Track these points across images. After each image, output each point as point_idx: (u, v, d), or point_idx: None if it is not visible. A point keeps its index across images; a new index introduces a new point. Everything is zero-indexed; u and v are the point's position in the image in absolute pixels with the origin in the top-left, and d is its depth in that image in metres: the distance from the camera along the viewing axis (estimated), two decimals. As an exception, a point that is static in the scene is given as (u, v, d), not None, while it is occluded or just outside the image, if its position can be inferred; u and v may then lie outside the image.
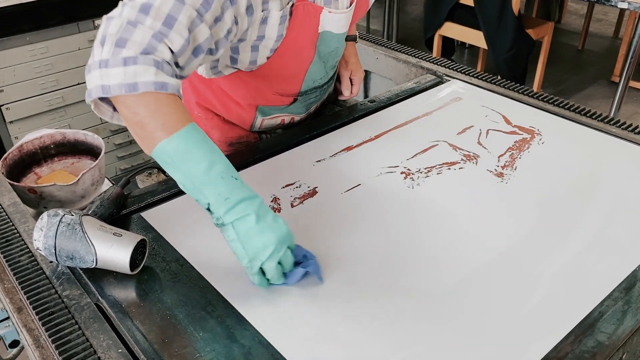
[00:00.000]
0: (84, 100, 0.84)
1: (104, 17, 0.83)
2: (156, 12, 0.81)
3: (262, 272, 0.83)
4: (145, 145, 0.82)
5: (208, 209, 0.81)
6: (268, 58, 1.08)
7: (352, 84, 1.38)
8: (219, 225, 0.81)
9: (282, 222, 0.83)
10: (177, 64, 0.84)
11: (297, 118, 1.33)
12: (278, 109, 1.27)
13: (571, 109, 1.35)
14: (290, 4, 1.00)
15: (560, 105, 1.37)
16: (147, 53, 0.79)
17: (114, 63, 0.78)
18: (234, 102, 1.25)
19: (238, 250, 0.81)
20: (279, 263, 0.82)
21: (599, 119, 1.31)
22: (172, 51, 0.82)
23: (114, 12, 0.82)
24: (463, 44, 4.41)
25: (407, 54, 1.67)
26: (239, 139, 1.33)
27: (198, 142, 0.81)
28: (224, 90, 1.24)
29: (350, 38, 1.37)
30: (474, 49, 4.31)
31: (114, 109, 0.87)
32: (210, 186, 0.79)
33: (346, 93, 1.38)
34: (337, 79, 1.38)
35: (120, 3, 0.84)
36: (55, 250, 0.84)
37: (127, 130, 0.85)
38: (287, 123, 1.33)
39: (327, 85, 1.31)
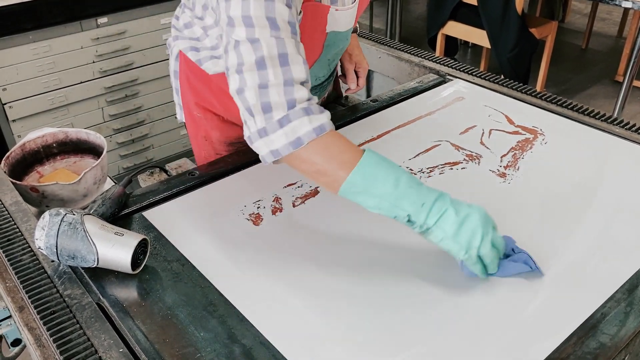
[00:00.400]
0: (86, 99, 0.86)
1: (233, 92, 0.88)
2: (271, 61, 0.84)
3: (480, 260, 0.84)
4: (332, 187, 0.86)
5: (409, 221, 0.83)
6: None
7: (357, 77, 1.37)
8: (424, 231, 0.84)
9: (476, 206, 0.84)
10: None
11: None
12: None
13: (574, 109, 1.35)
14: (301, 3, 1.00)
15: (564, 105, 1.36)
16: (292, 106, 0.84)
17: (272, 129, 0.84)
18: (233, 102, 1.25)
19: (452, 247, 0.83)
20: (493, 246, 0.83)
21: (603, 119, 1.30)
22: (303, 82, 0.86)
23: (237, 84, 0.86)
24: (466, 43, 4.40)
25: (410, 53, 1.67)
26: (239, 138, 1.32)
27: (377, 164, 0.85)
28: (222, 89, 1.23)
29: (353, 30, 1.37)
30: (476, 48, 4.30)
31: None
32: (405, 199, 0.82)
33: (352, 86, 1.36)
34: (342, 73, 1.38)
35: (232, 71, 0.87)
36: (56, 249, 0.84)
37: (129, 129, 0.86)
38: None
39: (327, 83, 1.31)
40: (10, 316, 1.05)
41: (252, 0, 0.84)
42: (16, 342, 1.09)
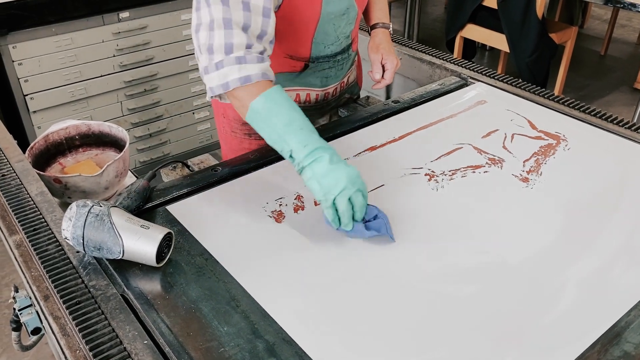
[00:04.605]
0: (106, 92, 0.89)
1: (192, 30, 1.02)
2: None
3: (336, 211, 0.92)
4: (241, 112, 1.00)
5: (290, 156, 0.95)
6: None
7: (384, 70, 1.32)
8: (300, 170, 0.94)
9: (353, 168, 0.93)
10: (259, 38, 1.00)
11: (313, 95, 1.32)
12: (290, 78, 1.28)
13: (597, 115, 1.34)
14: None
15: (586, 111, 1.35)
16: (230, 52, 0.96)
17: (211, 69, 0.98)
18: None
19: (314, 187, 0.92)
20: (350, 202, 0.91)
21: (626, 126, 1.29)
22: (244, 30, 0.97)
23: (194, 23, 1.00)
24: (483, 46, 4.37)
25: (431, 54, 1.66)
26: None
27: (281, 101, 0.96)
28: None
29: (383, 25, 1.35)
30: (494, 51, 4.28)
31: None
32: (292, 135, 0.94)
33: (376, 77, 1.30)
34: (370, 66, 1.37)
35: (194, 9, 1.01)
36: (83, 240, 0.84)
37: (147, 123, 0.88)
38: (304, 102, 1.33)
39: (341, 58, 1.30)
40: (31, 305, 1.06)
41: None
42: (36, 330, 1.09)
